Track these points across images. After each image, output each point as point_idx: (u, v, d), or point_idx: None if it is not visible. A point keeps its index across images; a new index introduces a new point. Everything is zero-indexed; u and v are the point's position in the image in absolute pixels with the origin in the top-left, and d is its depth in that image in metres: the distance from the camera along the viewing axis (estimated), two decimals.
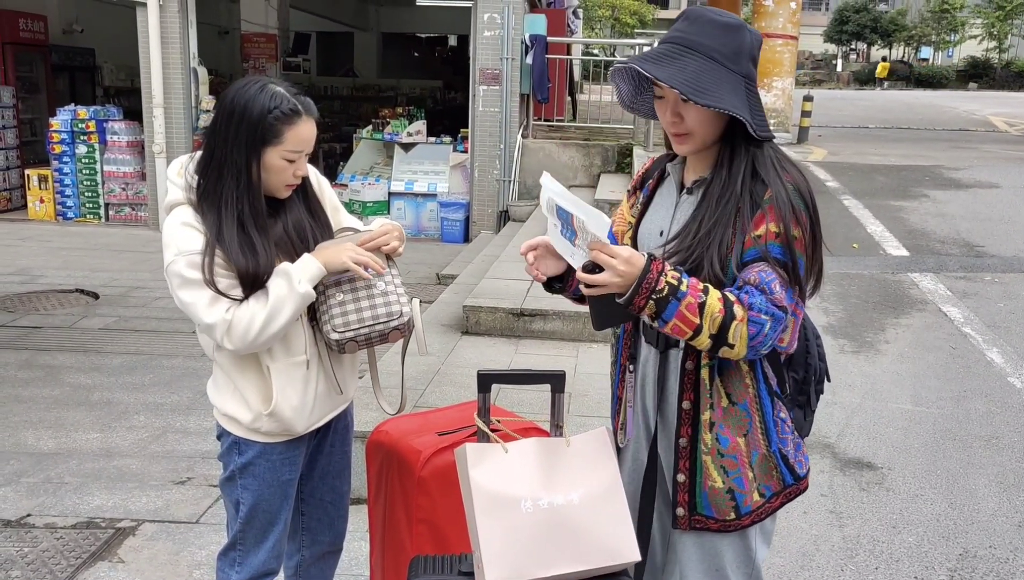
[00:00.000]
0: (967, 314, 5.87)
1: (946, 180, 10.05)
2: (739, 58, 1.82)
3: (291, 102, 2.11)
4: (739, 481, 1.89)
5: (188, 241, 2.08)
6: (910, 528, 3.54)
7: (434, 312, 6.07)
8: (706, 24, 1.83)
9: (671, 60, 1.80)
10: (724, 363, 1.88)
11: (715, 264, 1.80)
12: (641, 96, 2.00)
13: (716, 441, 1.89)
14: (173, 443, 4.62)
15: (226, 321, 2.06)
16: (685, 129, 1.86)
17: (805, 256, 1.80)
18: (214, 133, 2.13)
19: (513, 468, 1.88)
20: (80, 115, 11.53)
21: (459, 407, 2.85)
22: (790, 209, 1.79)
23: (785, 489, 1.94)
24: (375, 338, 2.24)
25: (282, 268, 2.12)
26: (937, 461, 4.06)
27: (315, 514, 2.51)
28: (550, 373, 2.02)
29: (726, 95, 1.78)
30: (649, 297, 1.71)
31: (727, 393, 1.89)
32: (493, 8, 10.14)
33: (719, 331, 1.73)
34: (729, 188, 1.83)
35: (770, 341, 1.77)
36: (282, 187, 2.17)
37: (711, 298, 1.73)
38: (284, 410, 2.21)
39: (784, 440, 1.93)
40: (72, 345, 6.26)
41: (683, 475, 1.93)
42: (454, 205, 10.79)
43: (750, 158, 1.84)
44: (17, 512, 3.83)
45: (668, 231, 1.94)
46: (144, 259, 9.33)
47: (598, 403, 4.28)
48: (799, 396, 2.00)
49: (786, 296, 1.77)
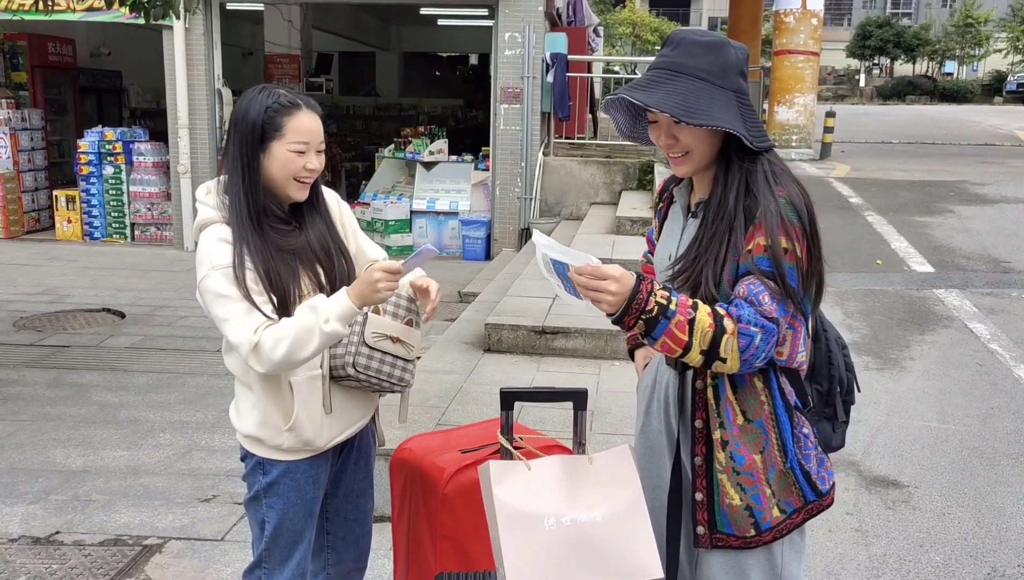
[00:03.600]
0: (994, 331, 5.81)
1: (971, 195, 9.97)
2: (726, 74, 1.85)
3: (289, 97, 2.16)
4: (757, 498, 1.89)
5: (222, 255, 2.11)
6: (937, 547, 3.50)
7: (456, 330, 6.09)
8: (689, 45, 1.87)
9: (659, 85, 1.84)
10: (738, 381, 1.88)
11: (710, 282, 1.83)
12: (639, 124, 2.04)
13: (731, 459, 1.89)
14: (198, 461, 4.66)
15: (252, 342, 2.07)
16: (682, 150, 1.90)
17: (796, 268, 1.80)
18: (228, 141, 2.20)
19: (536, 485, 1.89)
20: (107, 136, 11.73)
21: (482, 425, 2.87)
22: (779, 221, 1.80)
23: (807, 505, 1.93)
24: (374, 388, 2.34)
25: (313, 302, 2.11)
26: (964, 479, 4.02)
27: (340, 532, 2.52)
28: (572, 390, 2.03)
29: (717, 112, 1.81)
30: (639, 317, 1.75)
31: (742, 410, 1.89)
32: (514, 27, 10.21)
33: (710, 346, 1.75)
34: (723, 206, 1.86)
35: (763, 353, 1.78)
36: (292, 181, 2.17)
37: (700, 313, 1.76)
38: (304, 424, 2.23)
39: (807, 456, 1.92)
40: (99, 364, 6.33)
41: (701, 493, 1.94)
42: (475, 223, 10.83)
43: (743, 174, 1.87)
44: (46, 529, 3.87)
45: (675, 255, 1.98)
46: (170, 278, 9.44)
47: (620, 421, 4.27)
48: (825, 409, 1.99)
49: (777, 308, 1.78)
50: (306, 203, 2.26)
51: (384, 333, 2.30)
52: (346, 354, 2.22)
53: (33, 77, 12.37)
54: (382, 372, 2.28)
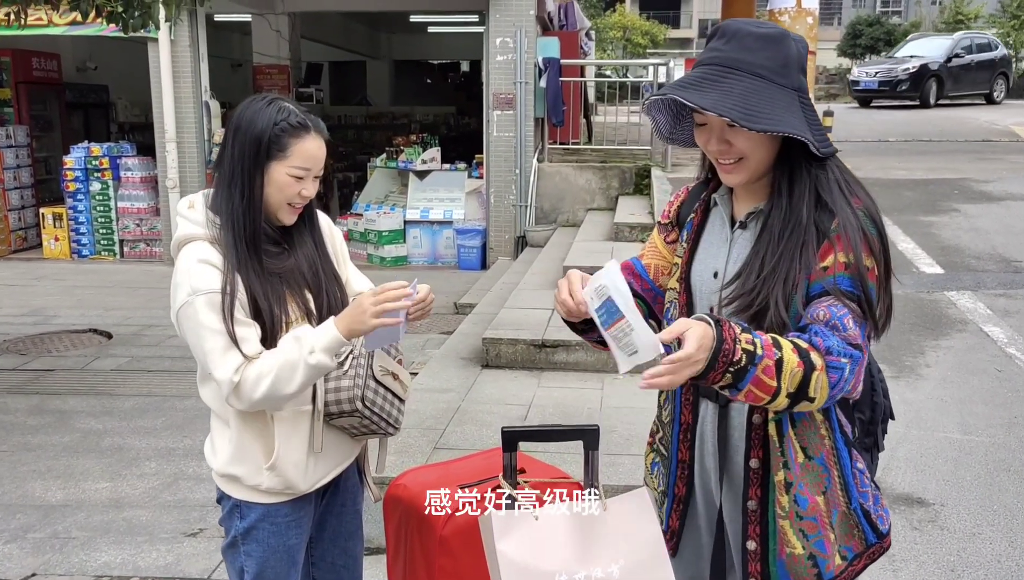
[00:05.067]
0: (1011, 334, 5.61)
1: (976, 193, 9.78)
2: (788, 71, 1.62)
3: (299, 116, 1.98)
4: (820, 545, 1.67)
5: (205, 279, 1.92)
6: (969, 571, 3.29)
7: (453, 344, 5.88)
8: (745, 38, 1.62)
9: (713, 84, 1.60)
10: (797, 415, 1.66)
11: (780, 305, 1.59)
12: (680, 124, 1.80)
13: (795, 503, 1.67)
14: (185, 491, 4.44)
15: (233, 382, 1.90)
16: (735, 156, 1.66)
17: (877, 287, 1.59)
18: (223, 151, 2.00)
19: (545, 538, 1.68)
20: (93, 152, 11.50)
21: (482, 455, 2.65)
22: (861, 236, 1.59)
23: (868, 549, 1.72)
24: (369, 428, 2.14)
25: (297, 332, 1.94)
26: (993, 495, 3.81)
27: (327, 579, 2.31)
28: (582, 429, 1.81)
29: (781, 115, 1.58)
30: (726, 370, 1.49)
31: (802, 447, 1.67)
32: (505, 32, 10.02)
33: (799, 388, 1.51)
34: (791, 218, 1.63)
35: (849, 386, 1.56)
36: (285, 206, 2.00)
37: (786, 353, 1.51)
38: (286, 464, 2.04)
39: (864, 494, 1.72)
40: (84, 388, 6.11)
41: (753, 542, 1.72)
42: (471, 232, 10.63)
43: (812, 182, 1.64)
44: (22, 571, 3.65)
45: (724, 272, 1.73)
46: (159, 296, 9.19)
47: (627, 439, 4.07)
48: (866, 438, 1.79)
49: (860, 333, 1.57)
50: (296, 225, 2.08)
51: (388, 368, 2.14)
52: (354, 387, 2.05)
53: (17, 93, 12.13)
54: (384, 410, 2.12)
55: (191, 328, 1.94)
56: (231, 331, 1.90)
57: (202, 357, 1.95)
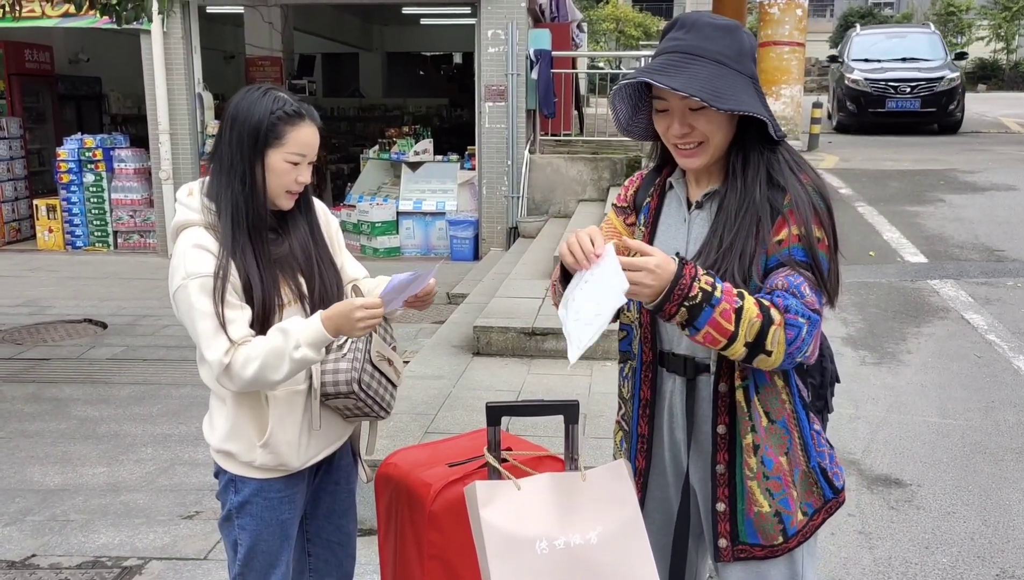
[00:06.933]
0: (991, 321, 5.72)
1: (962, 184, 9.89)
2: (743, 59, 1.75)
3: (294, 105, 2.08)
4: (785, 502, 1.80)
5: (199, 263, 2.01)
6: (943, 548, 3.40)
7: (444, 333, 5.97)
8: (705, 27, 1.75)
9: (678, 69, 1.71)
10: (760, 381, 1.78)
11: (737, 279, 1.70)
12: (636, 116, 1.92)
13: (762, 464, 1.79)
14: (181, 476, 4.52)
15: (224, 363, 1.99)
16: (696, 140, 1.77)
17: (828, 256, 1.73)
18: (220, 140, 2.09)
19: (526, 506, 1.77)
20: (87, 144, 11.54)
21: (470, 436, 2.74)
22: (812, 210, 1.72)
23: (826, 504, 1.85)
24: (363, 411, 2.21)
25: (284, 325, 2.02)
26: (968, 476, 3.92)
27: (322, 555, 2.40)
28: (563, 403, 1.91)
29: (743, 97, 1.70)
30: (681, 304, 1.61)
31: (765, 412, 1.79)
32: (497, 24, 10.08)
33: (756, 338, 1.63)
34: (746, 198, 1.74)
35: (807, 347, 1.68)
36: (283, 193, 2.10)
37: (747, 303, 1.63)
38: (279, 442, 2.13)
39: (821, 454, 1.85)
40: (80, 377, 6.18)
41: (723, 503, 1.83)
42: (463, 223, 10.71)
43: (764, 163, 1.76)
44: (22, 552, 3.73)
45: (685, 252, 1.84)
46: (153, 286, 9.27)
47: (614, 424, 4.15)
48: (817, 402, 1.91)
49: (816, 299, 1.70)
50: (291, 211, 2.18)
51: (384, 354, 2.23)
52: (352, 370, 2.13)
53: (10, 85, 12.15)
54: (378, 394, 2.21)
55: (185, 310, 2.03)
56: (221, 314, 1.99)
57: (196, 338, 2.04)
